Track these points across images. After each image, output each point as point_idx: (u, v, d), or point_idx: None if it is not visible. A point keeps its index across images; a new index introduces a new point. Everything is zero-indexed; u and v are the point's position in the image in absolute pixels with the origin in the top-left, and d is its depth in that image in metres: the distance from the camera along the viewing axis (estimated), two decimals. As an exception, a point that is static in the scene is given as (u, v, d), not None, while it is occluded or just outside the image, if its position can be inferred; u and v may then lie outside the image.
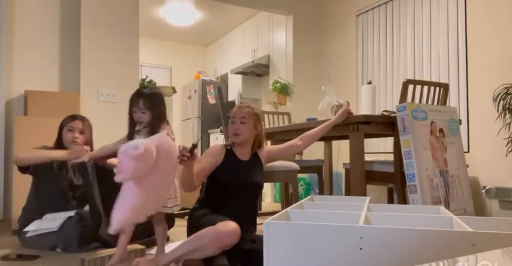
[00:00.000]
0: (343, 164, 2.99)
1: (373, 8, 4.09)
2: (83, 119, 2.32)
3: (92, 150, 2.21)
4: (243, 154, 1.96)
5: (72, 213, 2.13)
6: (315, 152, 3.89)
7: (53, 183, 2.23)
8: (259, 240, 1.72)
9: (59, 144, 2.27)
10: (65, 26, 3.53)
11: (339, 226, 1.14)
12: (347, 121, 2.24)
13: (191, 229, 1.85)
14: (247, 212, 1.93)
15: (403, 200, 2.33)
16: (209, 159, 1.89)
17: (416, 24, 3.61)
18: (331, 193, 3.53)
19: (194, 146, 1.56)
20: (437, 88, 2.46)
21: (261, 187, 2.03)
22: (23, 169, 2.19)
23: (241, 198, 1.90)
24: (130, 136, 1.85)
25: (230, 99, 6.04)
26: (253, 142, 1.99)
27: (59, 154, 2.13)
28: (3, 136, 3.18)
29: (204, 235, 1.62)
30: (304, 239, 1.15)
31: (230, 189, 1.88)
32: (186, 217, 1.98)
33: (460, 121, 2.54)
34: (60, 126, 2.29)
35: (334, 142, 3.63)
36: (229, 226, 1.62)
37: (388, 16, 3.92)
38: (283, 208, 2.90)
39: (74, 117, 2.30)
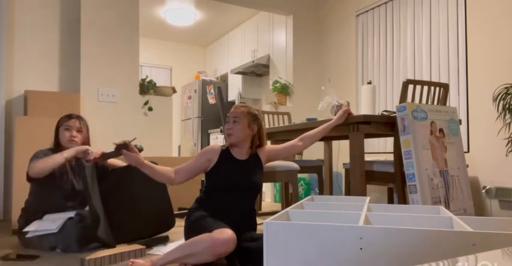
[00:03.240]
0: (343, 164, 2.99)
1: (373, 8, 4.09)
2: (79, 118, 2.31)
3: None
4: (241, 153, 1.95)
5: (72, 214, 2.13)
6: (315, 152, 3.89)
7: (54, 188, 2.20)
8: (259, 238, 1.71)
9: (57, 144, 2.26)
10: (65, 26, 3.53)
11: (339, 226, 1.14)
12: (347, 121, 2.24)
13: (188, 231, 1.85)
14: (245, 211, 1.92)
15: (403, 200, 2.33)
16: (198, 158, 1.91)
17: (416, 24, 3.61)
18: (331, 193, 3.54)
19: (120, 145, 1.69)
20: (437, 88, 2.46)
21: (259, 186, 2.00)
22: (33, 178, 2.14)
23: (239, 197, 1.89)
24: None
25: (230, 99, 6.04)
26: (252, 142, 1.97)
27: (69, 153, 2.16)
28: (3, 136, 3.18)
29: (200, 242, 1.62)
30: (304, 239, 1.15)
31: (227, 188, 1.88)
32: (186, 217, 1.98)
33: (460, 121, 2.54)
34: (57, 125, 2.28)
35: (334, 142, 3.63)
36: (226, 233, 1.61)
37: (388, 16, 3.92)
38: (283, 208, 2.90)
39: (69, 116, 2.29)
